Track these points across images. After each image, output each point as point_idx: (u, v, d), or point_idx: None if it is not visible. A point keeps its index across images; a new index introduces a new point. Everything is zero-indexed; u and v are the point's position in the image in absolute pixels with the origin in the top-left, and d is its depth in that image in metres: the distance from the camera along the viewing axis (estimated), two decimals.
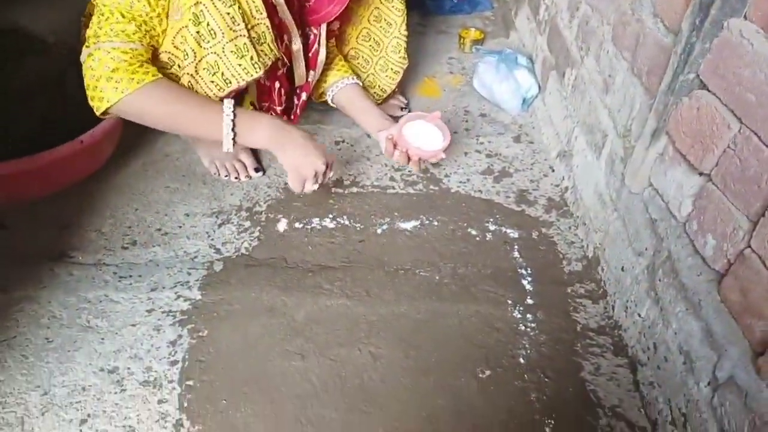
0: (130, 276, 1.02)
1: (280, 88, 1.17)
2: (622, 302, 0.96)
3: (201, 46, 0.97)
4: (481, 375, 0.90)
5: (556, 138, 1.30)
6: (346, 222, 1.15)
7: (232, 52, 0.99)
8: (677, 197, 0.80)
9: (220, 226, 1.13)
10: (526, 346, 0.95)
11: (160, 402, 0.85)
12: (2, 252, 1.05)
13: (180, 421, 0.83)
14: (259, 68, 1.02)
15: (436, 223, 1.16)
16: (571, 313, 1.00)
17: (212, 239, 1.10)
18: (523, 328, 0.97)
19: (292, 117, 1.24)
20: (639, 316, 0.89)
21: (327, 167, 1.05)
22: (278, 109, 1.19)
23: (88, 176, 1.18)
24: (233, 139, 1.01)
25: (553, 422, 0.85)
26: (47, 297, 0.97)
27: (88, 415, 0.83)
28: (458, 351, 0.93)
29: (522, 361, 0.92)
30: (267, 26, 1.03)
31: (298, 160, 1.03)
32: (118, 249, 1.07)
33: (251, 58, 1.01)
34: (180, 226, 1.12)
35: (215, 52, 0.99)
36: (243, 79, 1.02)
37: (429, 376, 0.90)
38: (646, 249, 0.88)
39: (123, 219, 1.12)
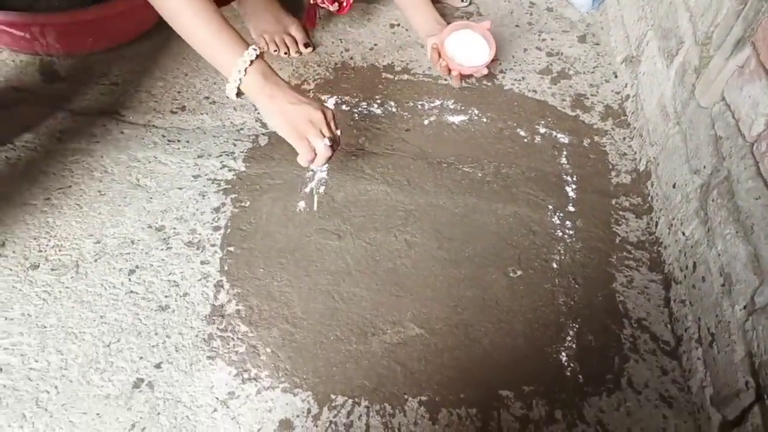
0: (178, 140, 1.03)
1: None
2: (667, 219, 0.93)
3: None
4: (511, 274, 0.91)
5: (625, 41, 1.21)
6: (394, 109, 1.12)
7: None
8: (750, 115, 0.75)
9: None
10: (561, 251, 0.95)
11: (202, 263, 0.89)
12: (59, 103, 1.07)
13: (220, 283, 0.87)
14: None
15: (485, 120, 1.13)
16: (612, 224, 0.99)
17: (259, 113, 1.09)
18: (560, 234, 0.97)
19: (345, 4, 1.17)
20: (683, 234, 0.88)
21: (325, 115, 0.85)
22: None
23: (140, 35, 1.17)
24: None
25: (577, 326, 0.86)
26: (100, 152, 1.00)
27: (136, 267, 0.88)
28: (491, 248, 0.94)
29: (554, 265, 0.93)
30: None
31: (286, 114, 0.84)
32: (167, 112, 1.08)
33: None
34: (228, 97, 1.11)
35: None
36: None
37: (460, 268, 0.92)
38: (704, 167, 0.84)
39: (173, 82, 1.12)
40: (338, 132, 0.88)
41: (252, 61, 0.82)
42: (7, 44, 1.05)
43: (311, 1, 1.17)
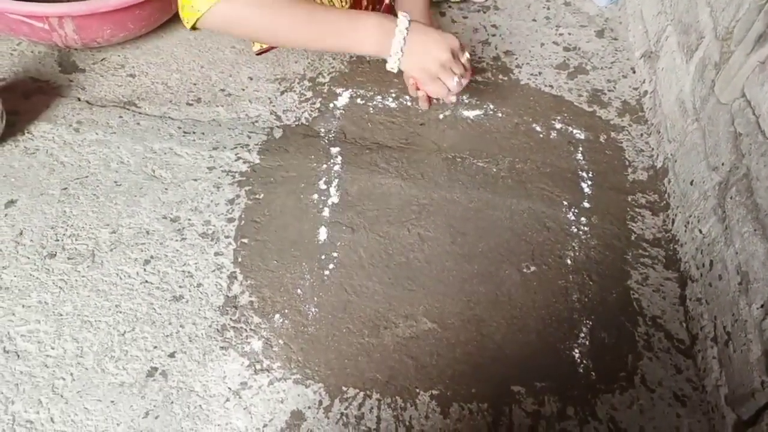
0: (194, 132, 1.04)
1: None
2: (683, 217, 0.92)
3: None
4: (525, 270, 0.91)
5: (643, 36, 1.20)
6: (409, 103, 1.12)
7: None
8: None
9: (282, 93, 1.12)
10: (575, 248, 0.94)
11: (216, 254, 0.90)
12: (76, 94, 1.08)
13: (234, 274, 0.88)
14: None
15: (500, 115, 1.12)
16: (628, 221, 0.98)
17: (274, 105, 1.10)
18: (574, 230, 0.96)
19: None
20: (700, 232, 0.87)
21: (454, 52, 0.86)
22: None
23: (157, 27, 1.17)
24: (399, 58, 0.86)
25: (590, 323, 0.86)
26: (116, 143, 1.01)
27: (151, 257, 0.89)
28: (505, 244, 0.94)
29: (569, 262, 0.92)
30: None
31: (416, 58, 0.86)
32: (183, 104, 1.08)
33: None
34: (243, 89, 1.12)
35: None
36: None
37: (473, 263, 0.91)
38: (722, 164, 0.83)
39: (189, 75, 1.13)
40: (467, 58, 0.89)
41: (405, 37, 0.84)
42: (26, 35, 1.06)
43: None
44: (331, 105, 1.11)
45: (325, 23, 0.84)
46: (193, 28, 0.85)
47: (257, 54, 1.12)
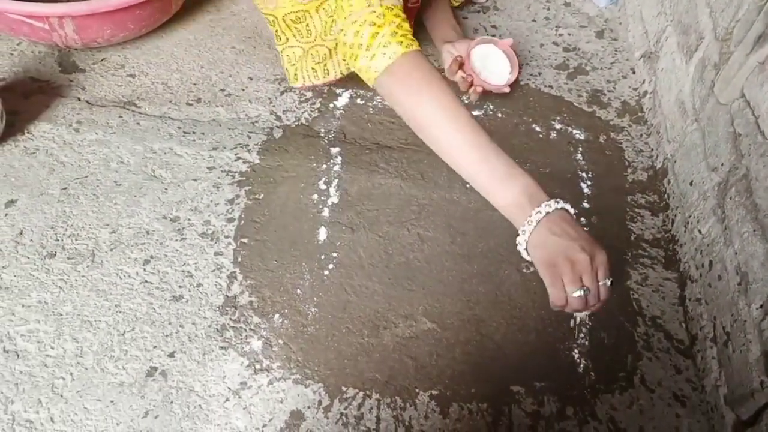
0: (194, 132, 1.04)
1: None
2: (683, 217, 0.92)
3: (321, 38, 0.97)
4: (525, 270, 0.91)
5: (643, 37, 1.20)
6: None
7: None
8: None
9: (282, 93, 1.12)
10: None
11: (216, 254, 0.90)
12: (76, 94, 1.08)
13: (234, 274, 0.88)
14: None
15: (500, 115, 1.12)
16: (627, 222, 0.98)
17: (273, 105, 1.10)
18: None
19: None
20: (699, 232, 0.87)
21: (594, 262, 0.70)
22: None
23: (157, 27, 1.17)
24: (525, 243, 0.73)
25: (590, 324, 0.86)
26: (116, 142, 1.01)
27: (151, 257, 0.89)
28: (505, 244, 0.94)
29: None
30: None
31: (547, 245, 0.71)
32: (183, 104, 1.08)
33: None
34: (243, 89, 1.12)
35: (327, 46, 0.98)
36: (342, 74, 1.03)
37: (473, 263, 0.91)
38: (722, 165, 0.83)
39: (189, 75, 1.13)
40: (605, 283, 0.72)
41: (548, 213, 0.71)
42: (26, 35, 1.06)
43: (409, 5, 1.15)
44: (331, 105, 1.11)
45: (473, 152, 0.75)
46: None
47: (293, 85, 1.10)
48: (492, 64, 1.08)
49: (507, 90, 1.07)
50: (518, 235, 0.74)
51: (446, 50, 1.10)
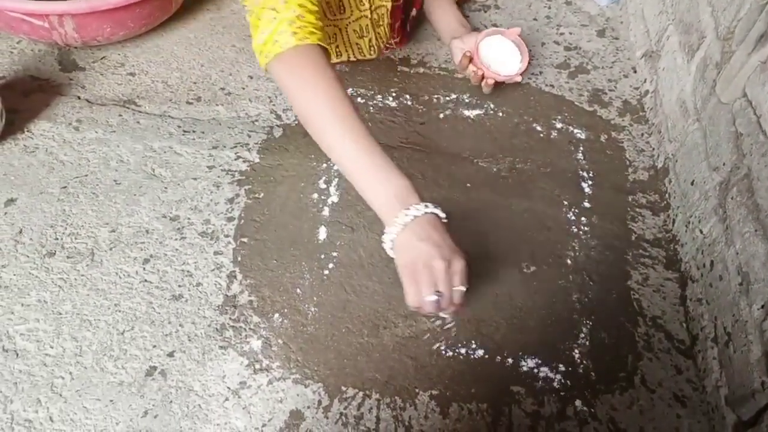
0: (194, 131, 1.04)
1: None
2: (684, 217, 0.92)
3: (326, 16, 0.98)
4: (525, 270, 0.91)
5: (644, 36, 1.19)
6: (409, 102, 1.12)
7: (354, 31, 1.02)
8: None
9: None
10: (576, 248, 0.94)
11: (216, 253, 0.89)
12: (76, 92, 1.08)
13: (233, 273, 0.88)
14: (375, 52, 1.05)
15: (500, 114, 1.12)
16: (628, 221, 0.97)
17: (274, 104, 1.10)
18: (575, 230, 0.96)
19: (403, 35, 1.17)
20: (700, 232, 0.86)
21: (450, 268, 0.71)
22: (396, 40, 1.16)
23: (157, 25, 1.17)
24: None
25: (590, 323, 0.86)
26: (116, 141, 1.01)
27: (151, 256, 0.88)
28: (505, 243, 0.93)
29: (569, 261, 0.92)
30: (387, 9, 0.97)
31: (409, 248, 0.72)
32: (183, 103, 1.08)
33: (369, 41, 1.02)
34: (243, 88, 1.12)
35: (337, 26, 0.99)
36: (355, 57, 1.05)
37: (473, 263, 0.91)
38: (723, 164, 0.82)
39: (189, 73, 1.13)
40: (460, 289, 0.72)
41: (416, 218, 0.72)
42: (26, 33, 1.06)
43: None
44: None
45: (352, 149, 0.75)
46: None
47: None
48: (501, 55, 1.08)
49: (519, 79, 1.06)
50: (384, 233, 0.74)
51: (455, 45, 1.10)
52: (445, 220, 0.76)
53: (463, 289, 0.73)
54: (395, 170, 0.75)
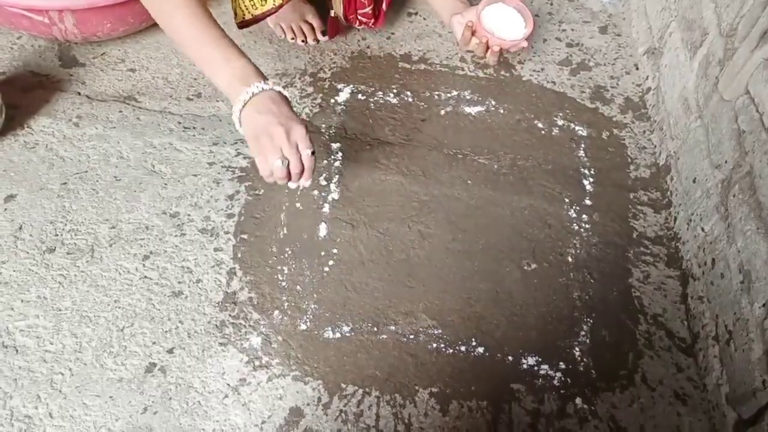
0: (194, 127, 1.04)
1: None
2: (686, 214, 0.92)
3: None
4: (526, 267, 0.91)
5: (647, 32, 1.19)
6: (410, 99, 1.12)
7: None
8: None
9: (283, 88, 1.11)
10: (577, 245, 0.93)
11: (216, 250, 0.89)
12: (76, 88, 1.07)
13: (233, 270, 0.88)
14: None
15: (502, 111, 1.11)
16: (630, 219, 0.97)
17: None
18: (576, 227, 0.96)
19: (379, 14, 1.15)
20: (702, 230, 0.86)
21: (290, 134, 0.77)
22: (368, 10, 1.11)
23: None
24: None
25: (591, 321, 0.85)
26: (116, 137, 1.01)
27: (151, 252, 0.88)
28: (506, 241, 0.93)
29: (570, 259, 0.92)
30: None
31: (252, 123, 0.78)
32: (183, 99, 1.08)
33: None
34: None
35: None
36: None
37: (474, 260, 0.91)
38: (725, 162, 0.82)
39: (189, 69, 1.12)
40: (308, 153, 0.78)
41: (256, 94, 0.78)
42: (26, 29, 1.05)
43: (331, 14, 1.15)
44: (332, 101, 1.10)
45: (201, 39, 0.80)
46: None
47: (239, 27, 1.07)
48: (505, 22, 1.04)
49: (525, 45, 1.03)
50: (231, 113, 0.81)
51: (456, 21, 1.06)
52: (288, 97, 0.82)
53: (309, 151, 0.78)
54: (240, 55, 0.81)
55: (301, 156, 0.78)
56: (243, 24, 1.06)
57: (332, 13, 1.14)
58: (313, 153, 0.79)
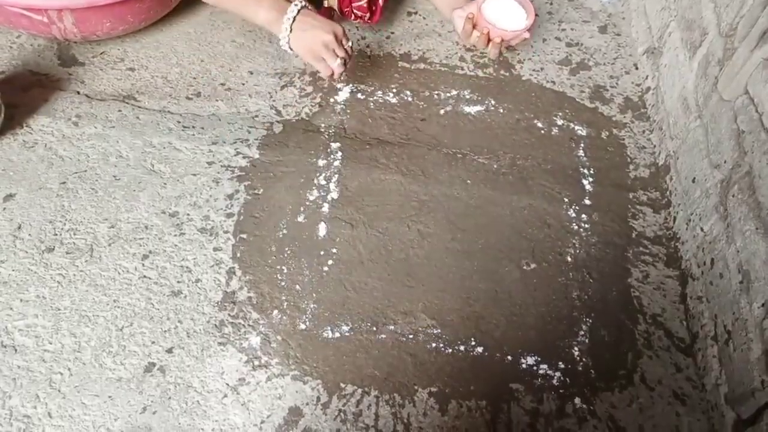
0: (193, 127, 1.04)
1: None
2: (685, 214, 0.92)
3: None
4: (525, 267, 0.91)
5: (647, 32, 1.19)
6: (409, 98, 1.11)
7: None
8: None
9: (282, 87, 1.11)
10: (576, 245, 0.93)
11: (215, 249, 0.89)
12: (76, 88, 1.07)
13: (233, 270, 0.88)
14: None
15: (501, 111, 1.11)
16: (629, 219, 0.97)
17: (274, 100, 1.09)
18: (575, 227, 0.96)
19: (375, 9, 1.15)
20: (701, 230, 0.86)
21: (337, 36, 0.96)
22: (363, 3, 1.11)
23: (157, 20, 1.17)
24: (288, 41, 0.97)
25: (590, 321, 0.86)
26: (116, 137, 1.01)
27: (150, 252, 0.88)
28: (505, 240, 0.93)
29: (569, 259, 0.92)
30: None
31: (303, 40, 0.96)
32: (183, 98, 1.08)
33: None
34: (243, 83, 1.11)
35: None
36: None
37: (473, 260, 0.91)
38: (725, 162, 0.82)
39: (189, 69, 1.12)
40: (349, 45, 0.99)
41: (295, 17, 0.94)
42: (25, 28, 1.05)
43: (326, 4, 1.15)
44: (332, 100, 1.10)
45: None
46: None
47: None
48: (506, 14, 1.03)
49: (527, 35, 1.03)
50: (279, 41, 0.98)
51: (457, 15, 1.06)
52: (309, 8, 0.98)
53: (350, 43, 1.00)
54: None
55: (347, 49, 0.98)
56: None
57: (326, 3, 1.14)
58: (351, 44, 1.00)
